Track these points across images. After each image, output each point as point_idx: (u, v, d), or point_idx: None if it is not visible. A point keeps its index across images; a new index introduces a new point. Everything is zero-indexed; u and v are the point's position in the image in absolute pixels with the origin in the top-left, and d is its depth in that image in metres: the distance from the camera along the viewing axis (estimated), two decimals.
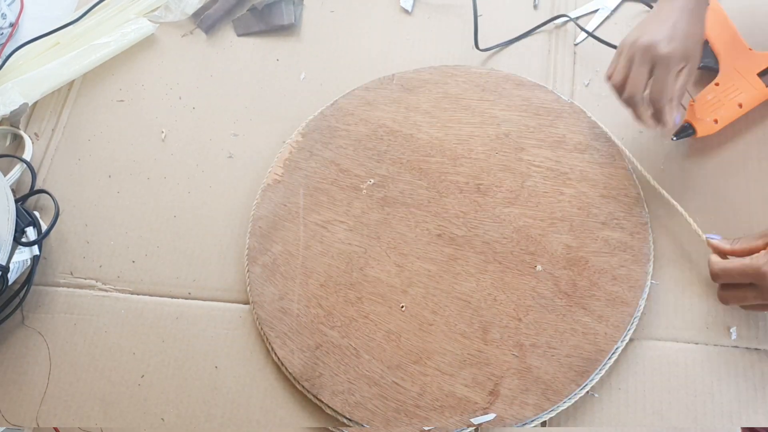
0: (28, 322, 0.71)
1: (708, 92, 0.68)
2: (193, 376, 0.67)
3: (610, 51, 0.77)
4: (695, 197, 0.67)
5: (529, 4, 0.82)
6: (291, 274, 0.68)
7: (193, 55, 0.87)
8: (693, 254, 0.65)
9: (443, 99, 0.75)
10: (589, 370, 0.60)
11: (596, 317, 0.61)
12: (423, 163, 0.72)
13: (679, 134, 0.68)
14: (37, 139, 0.83)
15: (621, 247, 0.64)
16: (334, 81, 0.81)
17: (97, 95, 0.85)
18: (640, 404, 0.60)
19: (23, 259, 0.70)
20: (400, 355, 0.63)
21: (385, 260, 0.67)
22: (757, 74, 0.68)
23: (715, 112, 0.67)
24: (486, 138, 0.72)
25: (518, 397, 0.60)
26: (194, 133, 0.81)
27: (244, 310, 0.70)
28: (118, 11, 0.89)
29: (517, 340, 0.62)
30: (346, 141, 0.75)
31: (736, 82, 0.68)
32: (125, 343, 0.69)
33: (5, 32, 0.91)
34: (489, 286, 0.64)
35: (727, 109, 0.67)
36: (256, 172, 0.77)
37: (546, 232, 0.66)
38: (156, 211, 0.76)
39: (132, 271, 0.73)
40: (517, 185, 0.69)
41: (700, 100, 0.68)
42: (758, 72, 0.68)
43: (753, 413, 0.58)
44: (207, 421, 0.65)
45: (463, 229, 0.67)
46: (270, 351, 0.66)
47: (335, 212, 0.71)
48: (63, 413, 0.67)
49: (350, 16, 0.86)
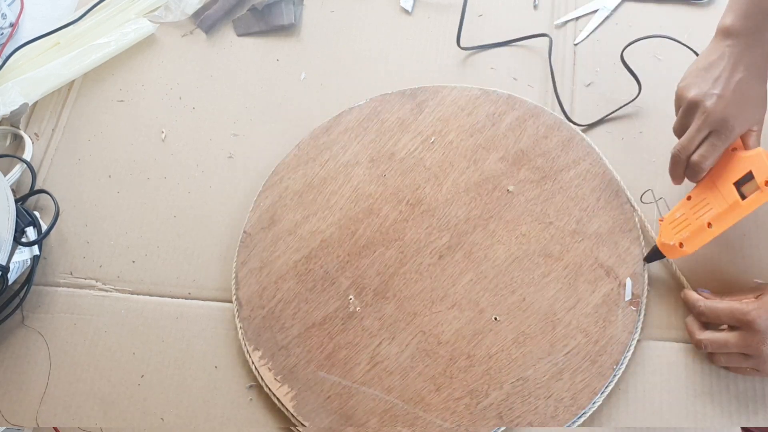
0: (28, 322, 0.71)
1: (678, 209, 0.61)
2: (193, 376, 0.67)
3: (611, 51, 0.77)
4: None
5: (529, 4, 0.82)
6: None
7: (193, 55, 0.86)
8: (693, 254, 0.65)
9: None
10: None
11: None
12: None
13: (650, 257, 0.63)
14: (37, 139, 0.83)
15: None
16: (334, 81, 0.81)
17: (97, 95, 0.85)
18: (640, 404, 0.60)
19: (23, 259, 0.70)
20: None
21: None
22: (734, 183, 0.57)
23: (680, 233, 0.59)
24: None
25: None
26: (194, 133, 0.81)
27: None
28: (118, 11, 0.89)
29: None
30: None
31: (709, 195, 0.58)
32: (125, 343, 0.69)
33: (5, 32, 0.91)
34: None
35: (694, 229, 0.58)
36: (256, 172, 0.77)
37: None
38: (156, 211, 0.76)
39: (132, 271, 0.73)
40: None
41: (667, 219, 0.61)
42: (735, 180, 0.57)
43: (753, 413, 0.58)
44: (207, 421, 0.65)
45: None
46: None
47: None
48: (63, 413, 0.67)
49: (350, 16, 0.86)
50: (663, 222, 0.62)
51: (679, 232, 0.60)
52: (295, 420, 0.62)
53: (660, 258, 0.62)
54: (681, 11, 0.78)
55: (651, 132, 0.72)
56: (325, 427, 0.61)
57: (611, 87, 0.75)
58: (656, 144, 0.71)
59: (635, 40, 0.73)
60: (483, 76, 0.78)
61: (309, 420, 0.62)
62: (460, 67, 0.79)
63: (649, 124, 0.72)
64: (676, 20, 0.77)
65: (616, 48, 0.74)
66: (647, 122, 0.72)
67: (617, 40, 0.77)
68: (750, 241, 0.65)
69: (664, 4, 0.79)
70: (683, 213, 0.60)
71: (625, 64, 0.72)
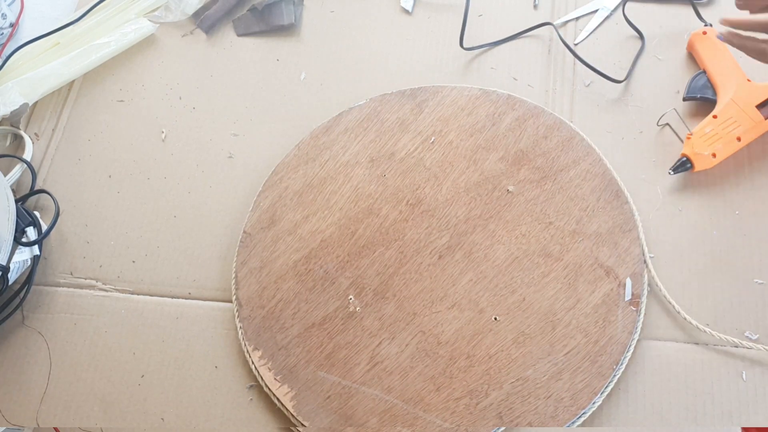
0: (29, 322, 0.71)
1: (706, 125, 0.67)
2: (193, 376, 0.67)
3: (611, 51, 0.77)
4: (694, 235, 0.66)
5: (529, 4, 0.82)
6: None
7: (194, 55, 0.86)
8: (693, 255, 0.65)
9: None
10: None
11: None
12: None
13: (677, 168, 0.67)
14: (37, 139, 0.83)
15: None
16: (334, 81, 0.81)
17: (98, 95, 0.85)
18: (640, 404, 0.60)
19: (23, 259, 0.70)
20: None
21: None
22: (756, 106, 0.67)
23: (712, 145, 0.66)
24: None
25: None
26: (194, 133, 0.81)
27: None
28: (118, 11, 0.89)
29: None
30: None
31: (735, 115, 0.67)
32: (125, 343, 0.69)
33: (5, 32, 0.91)
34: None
35: (725, 142, 0.66)
36: (256, 172, 0.77)
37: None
38: (156, 211, 0.76)
39: (132, 271, 0.73)
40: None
41: (697, 134, 0.67)
42: (757, 104, 0.67)
43: (753, 413, 0.58)
44: (207, 421, 0.65)
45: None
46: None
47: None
48: (63, 413, 0.67)
49: (350, 16, 0.86)
50: (693, 136, 0.67)
51: (711, 144, 0.66)
52: (295, 420, 0.62)
53: (686, 169, 0.67)
54: (681, 11, 0.78)
55: (651, 132, 0.72)
56: (325, 427, 0.61)
57: (611, 86, 0.75)
58: (656, 143, 0.71)
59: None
60: (483, 75, 0.78)
61: (309, 420, 0.62)
62: (461, 67, 0.79)
63: (649, 123, 0.72)
64: (676, 20, 0.77)
65: (616, 48, 0.74)
66: (647, 122, 0.72)
67: (617, 40, 0.77)
68: (749, 241, 0.65)
69: (664, 4, 0.79)
70: (712, 128, 0.67)
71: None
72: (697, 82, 0.71)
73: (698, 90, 0.70)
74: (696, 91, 0.70)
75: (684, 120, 0.70)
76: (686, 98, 0.71)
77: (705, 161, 0.66)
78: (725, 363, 0.60)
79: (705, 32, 0.73)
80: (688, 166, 0.67)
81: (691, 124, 0.69)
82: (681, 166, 0.67)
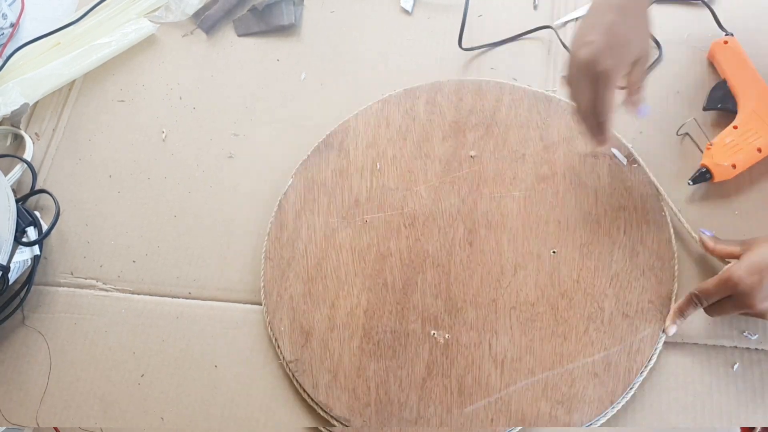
0: (29, 322, 0.71)
1: (726, 135, 0.66)
2: (193, 375, 0.67)
3: None
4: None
5: (529, 4, 0.82)
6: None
7: (194, 55, 0.87)
8: (692, 256, 0.65)
9: None
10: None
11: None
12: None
13: (696, 179, 0.66)
14: (37, 139, 0.83)
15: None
16: (334, 81, 0.81)
17: (98, 95, 0.85)
18: (640, 404, 0.60)
19: (24, 258, 0.70)
20: None
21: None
22: None
23: (733, 156, 0.65)
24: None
25: None
26: (194, 133, 0.81)
27: (244, 310, 0.70)
28: (119, 11, 0.89)
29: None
30: None
31: (756, 126, 0.66)
32: (125, 342, 0.69)
33: (6, 32, 0.91)
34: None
35: (746, 153, 0.65)
36: (256, 172, 0.77)
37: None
38: (156, 211, 0.76)
39: (132, 271, 0.73)
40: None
41: (717, 144, 0.66)
42: None
43: (752, 413, 0.58)
44: (206, 420, 0.65)
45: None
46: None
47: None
48: (63, 413, 0.67)
49: (350, 16, 0.86)
50: (713, 146, 0.66)
51: (732, 155, 0.65)
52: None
53: (706, 180, 0.66)
54: (681, 11, 0.78)
55: (651, 132, 0.72)
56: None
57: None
58: (656, 144, 0.71)
59: None
60: (483, 76, 0.78)
61: None
62: (460, 68, 0.79)
63: (649, 123, 0.72)
64: (676, 20, 0.77)
65: None
66: (647, 122, 0.72)
67: None
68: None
69: (664, 4, 0.79)
70: (732, 139, 0.66)
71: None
72: (718, 92, 0.69)
73: (719, 100, 0.69)
74: (717, 101, 0.69)
75: (704, 129, 0.68)
76: (706, 108, 0.69)
77: (725, 172, 0.65)
78: (725, 363, 0.60)
79: (726, 41, 0.71)
80: (707, 177, 0.66)
81: (711, 134, 0.68)
82: (700, 177, 0.66)
